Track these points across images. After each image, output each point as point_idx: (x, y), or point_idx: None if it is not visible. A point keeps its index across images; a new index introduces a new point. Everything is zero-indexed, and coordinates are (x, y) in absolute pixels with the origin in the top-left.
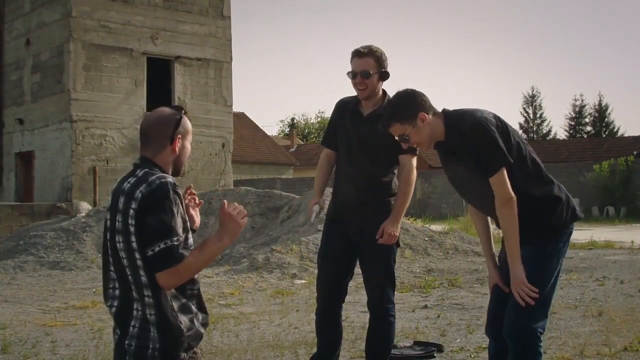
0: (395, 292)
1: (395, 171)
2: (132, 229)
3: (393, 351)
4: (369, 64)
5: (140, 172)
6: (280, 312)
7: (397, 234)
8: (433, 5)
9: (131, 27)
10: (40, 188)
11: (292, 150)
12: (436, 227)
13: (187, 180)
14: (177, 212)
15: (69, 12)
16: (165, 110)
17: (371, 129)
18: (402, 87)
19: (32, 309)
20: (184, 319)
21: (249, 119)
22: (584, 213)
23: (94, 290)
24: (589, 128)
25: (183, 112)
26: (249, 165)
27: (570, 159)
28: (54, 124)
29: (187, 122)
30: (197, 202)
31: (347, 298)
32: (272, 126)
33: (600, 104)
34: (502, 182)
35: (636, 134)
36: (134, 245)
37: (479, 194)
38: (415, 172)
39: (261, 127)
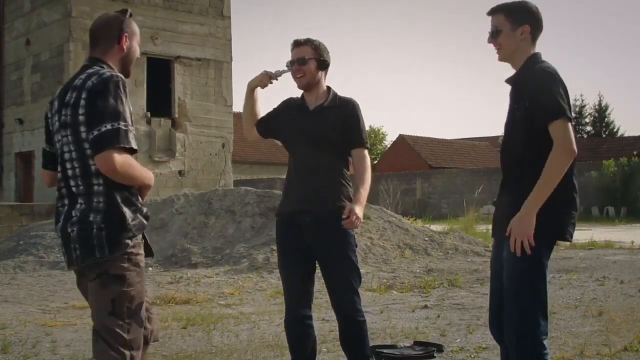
0: (395, 292)
1: (347, 169)
2: (81, 118)
3: (393, 351)
4: (305, 51)
5: (91, 70)
6: (280, 312)
7: (361, 220)
8: (434, 4)
9: None
10: (40, 188)
11: None
12: (436, 227)
13: (187, 180)
14: (127, 106)
15: (69, 12)
16: (111, 13)
17: (317, 122)
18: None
19: (32, 309)
20: (127, 210)
21: None
22: (584, 213)
23: None
24: (589, 128)
25: (129, 14)
26: (249, 165)
27: None
28: None
29: (133, 24)
30: None
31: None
32: None
33: (600, 104)
34: (567, 130)
35: (636, 134)
36: (83, 135)
37: (511, 137)
38: (369, 162)
39: None
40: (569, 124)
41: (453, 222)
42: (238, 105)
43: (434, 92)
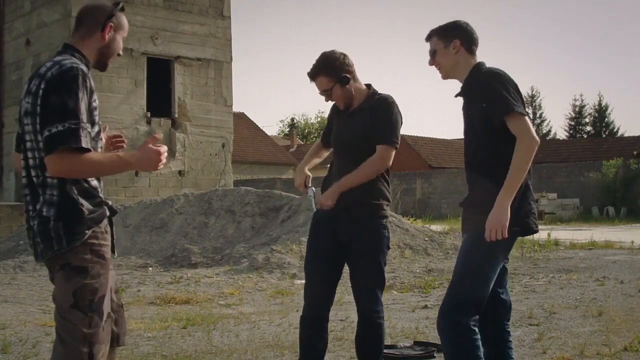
0: (395, 292)
1: (385, 173)
2: (38, 109)
3: (393, 351)
4: (322, 83)
5: (58, 58)
6: (280, 312)
7: (330, 203)
8: (432, 5)
9: (131, 27)
10: None
11: (292, 150)
12: (436, 227)
13: (187, 180)
14: (83, 100)
15: (69, 12)
16: (106, 1)
17: (354, 125)
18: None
19: (32, 309)
20: (86, 202)
21: (249, 119)
22: (584, 213)
23: None
24: (589, 128)
25: (121, 7)
26: (249, 165)
27: (571, 159)
28: None
29: (123, 19)
30: (120, 143)
31: (346, 298)
32: (272, 126)
33: (600, 104)
34: (524, 122)
35: (636, 134)
36: (39, 127)
37: (473, 144)
38: (383, 162)
39: (261, 127)
40: (525, 117)
41: (453, 222)
42: (238, 106)
43: (434, 92)
